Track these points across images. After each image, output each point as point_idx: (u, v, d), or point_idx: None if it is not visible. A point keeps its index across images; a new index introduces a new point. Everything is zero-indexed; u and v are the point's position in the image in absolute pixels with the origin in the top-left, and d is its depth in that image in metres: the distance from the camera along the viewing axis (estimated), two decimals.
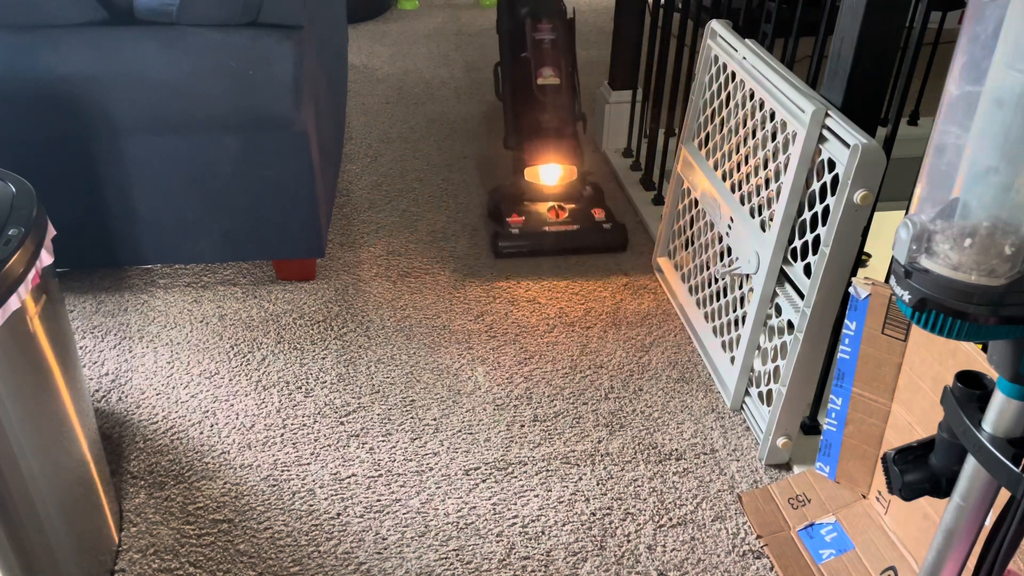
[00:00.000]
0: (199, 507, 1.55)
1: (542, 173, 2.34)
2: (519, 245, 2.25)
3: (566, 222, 2.29)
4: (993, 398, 0.79)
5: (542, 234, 2.26)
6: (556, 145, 2.31)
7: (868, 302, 1.39)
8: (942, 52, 2.53)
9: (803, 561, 1.45)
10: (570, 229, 2.27)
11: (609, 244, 2.28)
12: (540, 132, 2.31)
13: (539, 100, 2.30)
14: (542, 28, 2.33)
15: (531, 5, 2.36)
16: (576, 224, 2.28)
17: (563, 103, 2.32)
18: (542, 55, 2.32)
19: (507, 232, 2.25)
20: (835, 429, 1.51)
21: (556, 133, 2.31)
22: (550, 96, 2.31)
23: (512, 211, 2.31)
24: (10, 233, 1.09)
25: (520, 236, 2.25)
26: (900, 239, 0.74)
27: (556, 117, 2.31)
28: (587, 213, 2.31)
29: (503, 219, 2.29)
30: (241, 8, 1.78)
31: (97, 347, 1.92)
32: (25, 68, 1.75)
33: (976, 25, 0.70)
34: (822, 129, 1.48)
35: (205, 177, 1.91)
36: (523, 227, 2.27)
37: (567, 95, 2.32)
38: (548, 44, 2.33)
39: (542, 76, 2.29)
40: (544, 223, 2.28)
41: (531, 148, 2.31)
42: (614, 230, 2.29)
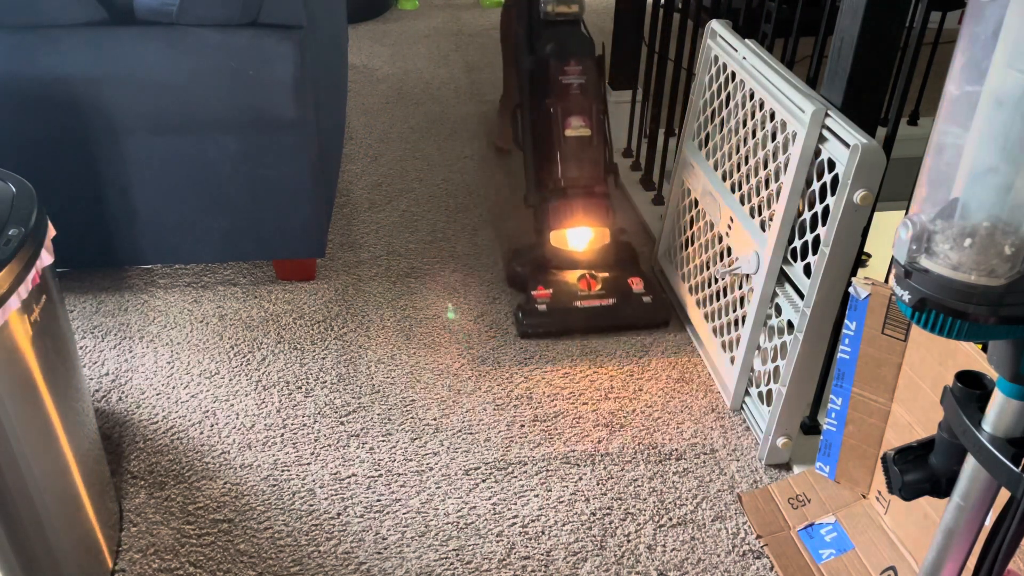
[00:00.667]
0: (199, 507, 1.55)
1: (570, 237, 2.05)
2: (546, 324, 1.97)
3: (600, 294, 2.00)
4: (993, 398, 0.79)
5: (573, 310, 1.98)
6: (586, 206, 2.01)
7: (868, 302, 1.39)
8: (942, 52, 2.53)
9: (803, 561, 1.45)
10: (605, 304, 1.99)
11: (650, 320, 2.01)
12: (567, 191, 2.02)
13: (566, 154, 2.00)
14: (570, 70, 2.03)
15: (557, 42, 2.05)
16: (611, 297, 2.00)
17: (594, 156, 2.02)
18: (570, 102, 2.02)
19: (532, 308, 1.97)
20: (835, 429, 1.51)
21: (586, 192, 2.02)
22: (579, 149, 2.00)
23: (538, 282, 2.02)
24: (10, 233, 1.09)
25: (548, 313, 1.97)
26: (900, 239, 0.74)
27: (586, 173, 2.01)
28: (623, 283, 2.03)
29: (527, 292, 2.01)
30: (241, 8, 1.78)
31: (97, 347, 1.92)
32: (25, 68, 1.75)
33: (976, 25, 0.70)
34: (822, 129, 1.48)
35: (205, 177, 1.91)
36: (551, 302, 1.98)
37: (598, 147, 2.03)
38: (577, 89, 2.02)
39: (570, 127, 2.00)
40: (574, 296, 2.00)
41: (557, 209, 2.02)
42: (655, 304, 2.01)
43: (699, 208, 1.97)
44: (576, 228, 2.03)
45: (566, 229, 2.03)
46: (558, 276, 2.04)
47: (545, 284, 2.01)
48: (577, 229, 2.04)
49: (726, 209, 1.82)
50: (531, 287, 2.01)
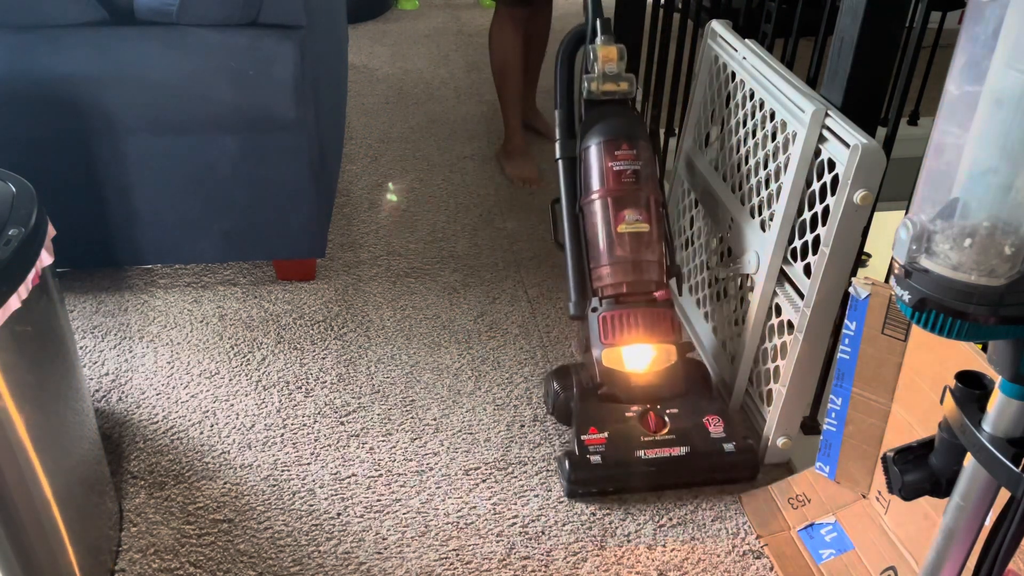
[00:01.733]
0: (199, 507, 1.55)
1: (627, 357, 1.65)
2: (602, 481, 1.57)
3: (668, 440, 1.59)
4: (993, 398, 0.79)
5: (634, 463, 1.57)
6: (647, 316, 1.64)
7: (868, 302, 1.39)
8: (942, 52, 2.53)
9: (803, 561, 1.45)
10: (675, 454, 1.58)
11: (732, 476, 1.62)
12: (624, 298, 1.66)
13: (620, 253, 1.67)
14: (621, 155, 1.70)
15: (606, 124, 1.73)
16: (685, 445, 1.59)
17: (653, 257, 1.68)
18: (623, 192, 1.69)
19: (583, 460, 1.55)
20: (835, 429, 1.51)
21: (646, 299, 1.66)
22: (636, 248, 1.67)
23: (590, 422, 1.60)
24: (10, 233, 1.09)
25: (603, 466, 1.55)
26: (900, 239, 0.74)
27: (645, 276, 1.67)
28: (698, 424, 1.62)
29: (578, 435, 1.59)
30: (241, 8, 1.78)
31: (97, 347, 1.92)
32: (25, 68, 1.75)
33: (976, 25, 0.70)
34: (822, 129, 1.48)
35: (205, 177, 1.91)
36: (607, 452, 1.56)
37: (658, 245, 1.69)
38: (631, 176, 1.69)
39: (624, 221, 1.66)
40: (636, 443, 1.58)
41: (610, 321, 1.64)
42: (740, 454, 1.60)
43: (699, 208, 1.97)
44: (635, 345, 1.65)
45: (622, 346, 1.64)
46: (613, 412, 1.63)
47: (599, 425, 1.60)
48: (636, 346, 1.65)
49: (726, 209, 1.82)
50: (583, 429, 1.59)
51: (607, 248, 1.68)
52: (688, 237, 2.05)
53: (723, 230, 1.84)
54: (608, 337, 1.64)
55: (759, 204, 1.68)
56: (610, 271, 1.67)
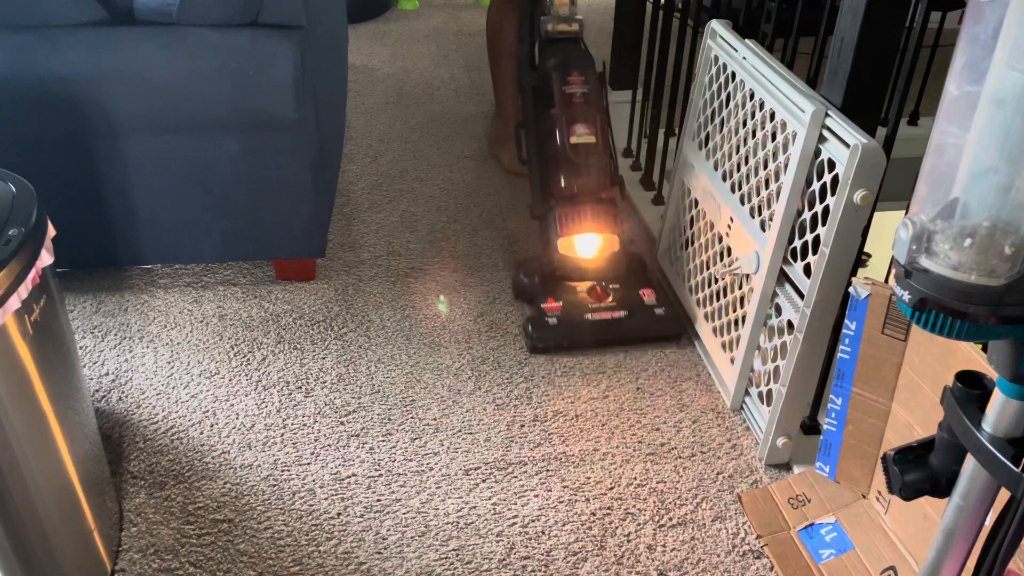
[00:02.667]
0: (199, 507, 1.55)
1: (578, 244, 2.02)
2: (557, 337, 1.93)
3: (610, 307, 1.96)
4: (993, 398, 0.79)
5: (584, 323, 1.93)
6: (594, 211, 2.00)
7: (868, 302, 1.39)
8: (942, 52, 2.53)
9: (803, 561, 1.45)
10: (616, 316, 1.95)
11: (662, 333, 1.97)
12: (575, 197, 2.00)
13: (572, 161, 2.00)
14: (573, 81, 2.04)
15: (559, 57, 2.09)
16: (623, 309, 1.96)
17: (600, 164, 2.03)
18: (574, 110, 2.02)
19: (543, 321, 1.93)
20: (835, 429, 1.51)
21: (594, 197, 2.01)
22: (585, 156, 2.01)
23: (547, 295, 1.98)
24: (10, 233, 1.10)
25: (558, 328, 1.92)
26: (900, 239, 0.74)
27: (593, 179, 2.01)
28: (634, 294, 1.99)
29: (536, 304, 1.97)
30: (241, 8, 1.78)
31: (97, 347, 1.92)
32: (25, 68, 1.75)
33: (976, 25, 0.70)
34: (822, 129, 1.48)
35: (205, 177, 1.91)
36: (561, 315, 1.94)
37: (604, 154, 2.04)
38: (581, 98, 2.03)
39: (575, 134, 1.99)
40: (585, 309, 1.96)
41: (565, 216, 2.00)
42: (668, 316, 1.97)
43: (699, 208, 1.97)
44: (584, 234, 2.00)
45: (574, 235, 2.00)
46: (567, 287, 2.00)
47: (555, 296, 1.97)
48: (585, 235, 2.00)
49: (726, 209, 1.82)
50: (540, 300, 1.96)
51: (562, 157, 2.02)
52: (688, 237, 2.05)
53: (723, 230, 1.84)
54: (563, 229, 2.01)
55: (759, 204, 1.68)
56: (565, 175, 2.02)
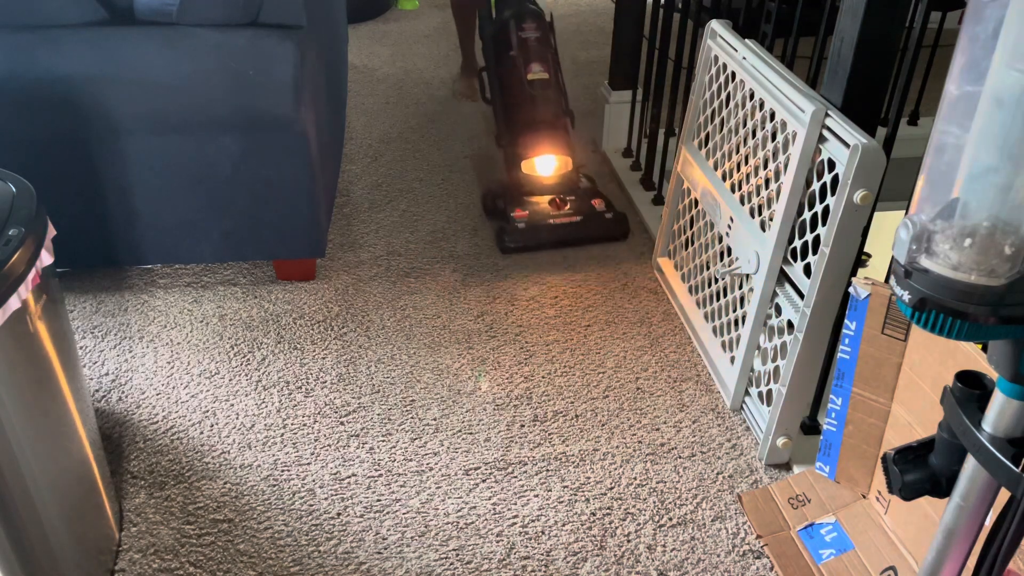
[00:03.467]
0: (199, 507, 1.55)
1: (538, 165, 2.38)
2: (525, 239, 2.28)
3: (568, 213, 2.32)
4: (993, 398, 0.79)
5: (547, 227, 2.29)
6: (551, 137, 2.35)
7: (868, 302, 1.39)
8: (942, 52, 2.53)
9: (803, 561, 1.45)
10: (573, 220, 2.31)
11: (612, 233, 2.34)
12: (534, 125, 2.35)
13: (530, 95, 2.35)
14: (527, 27, 2.38)
15: (514, 8, 2.42)
16: (579, 215, 2.32)
17: (554, 96, 2.37)
18: (530, 52, 2.37)
19: (513, 227, 2.28)
20: (835, 429, 1.51)
21: (550, 125, 2.35)
22: (541, 90, 2.36)
23: (515, 206, 2.33)
24: (10, 233, 1.09)
25: (526, 231, 2.28)
26: (900, 239, 0.74)
27: (548, 110, 2.36)
28: (587, 203, 2.35)
29: (507, 215, 2.30)
30: (241, 8, 1.78)
31: (97, 347, 1.92)
32: (25, 68, 1.75)
33: (976, 25, 0.70)
34: (822, 129, 1.48)
35: (205, 177, 1.91)
36: (528, 221, 2.29)
37: (556, 89, 2.38)
38: (535, 41, 2.38)
39: (532, 71, 2.35)
40: (547, 216, 2.31)
41: (526, 142, 2.35)
42: (616, 219, 2.34)
43: (699, 208, 1.97)
44: (543, 156, 2.37)
45: (535, 158, 2.36)
46: (531, 201, 2.36)
47: (521, 207, 2.32)
48: (544, 157, 2.37)
49: (726, 209, 1.82)
50: (510, 210, 2.31)
51: (522, 92, 2.36)
52: (688, 237, 2.05)
53: (723, 230, 1.84)
54: (525, 152, 2.36)
55: (759, 204, 1.68)
56: (525, 107, 2.36)
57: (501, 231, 2.28)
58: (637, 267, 2.25)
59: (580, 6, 4.29)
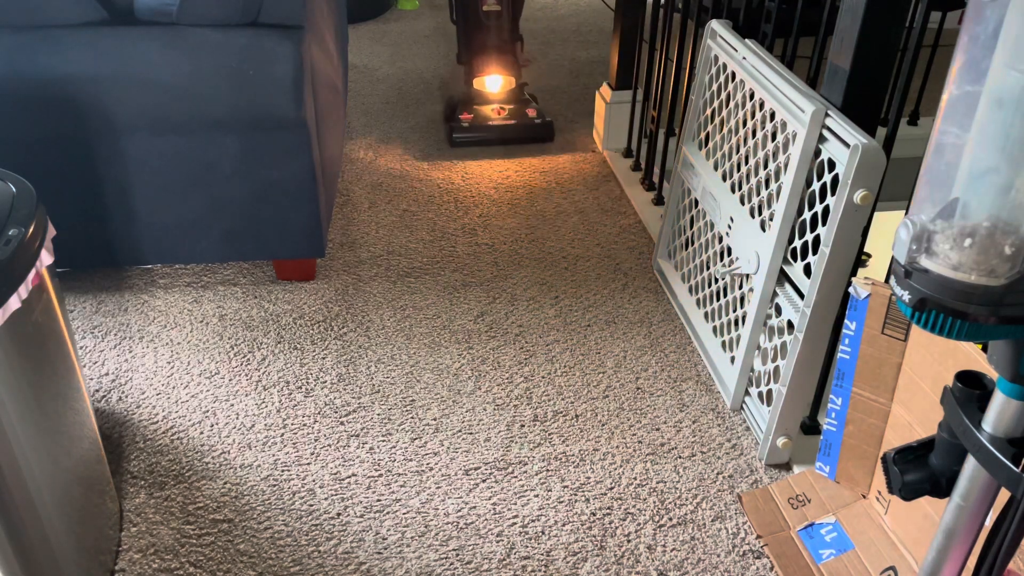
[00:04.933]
0: (199, 507, 1.55)
1: (487, 82, 2.92)
2: (468, 136, 2.83)
3: (505, 119, 2.87)
4: (993, 398, 0.79)
5: (487, 127, 2.84)
6: (498, 60, 2.89)
7: (868, 302, 1.39)
8: (942, 52, 2.53)
9: (803, 561, 1.45)
10: (508, 123, 2.86)
11: (538, 135, 2.88)
12: (485, 49, 2.88)
13: (484, 24, 2.85)
14: None
15: None
16: (513, 120, 2.87)
17: (504, 26, 2.87)
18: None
19: (460, 126, 2.84)
20: (835, 429, 1.51)
21: (498, 50, 2.89)
22: (493, 20, 2.85)
23: (464, 111, 2.88)
24: (10, 233, 1.09)
25: (470, 129, 2.83)
26: (900, 239, 0.74)
27: (498, 38, 2.87)
28: (522, 112, 2.90)
29: (456, 117, 2.85)
30: (241, 8, 1.78)
31: (97, 347, 1.92)
32: (25, 68, 1.75)
33: (976, 25, 0.70)
34: (822, 129, 1.48)
35: (205, 177, 1.91)
36: (472, 122, 2.85)
37: (507, 20, 2.87)
38: None
39: (486, 3, 2.83)
40: (488, 119, 2.86)
41: (478, 63, 2.90)
42: (543, 125, 2.88)
43: (699, 208, 1.97)
44: (490, 76, 2.92)
45: (484, 76, 2.91)
46: (479, 109, 2.90)
47: (469, 112, 2.89)
48: (492, 76, 2.92)
49: (726, 209, 1.82)
50: (459, 113, 2.87)
51: (476, 20, 2.85)
52: (688, 237, 2.05)
53: (723, 230, 1.84)
54: (476, 71, 2.92)
55: (759, 204, 1.68)
56: (478, 34, 2.87)
57: (450, 129, 2.82)
58: (637, 267, 2.25)
59: (580, 6, 4.29)
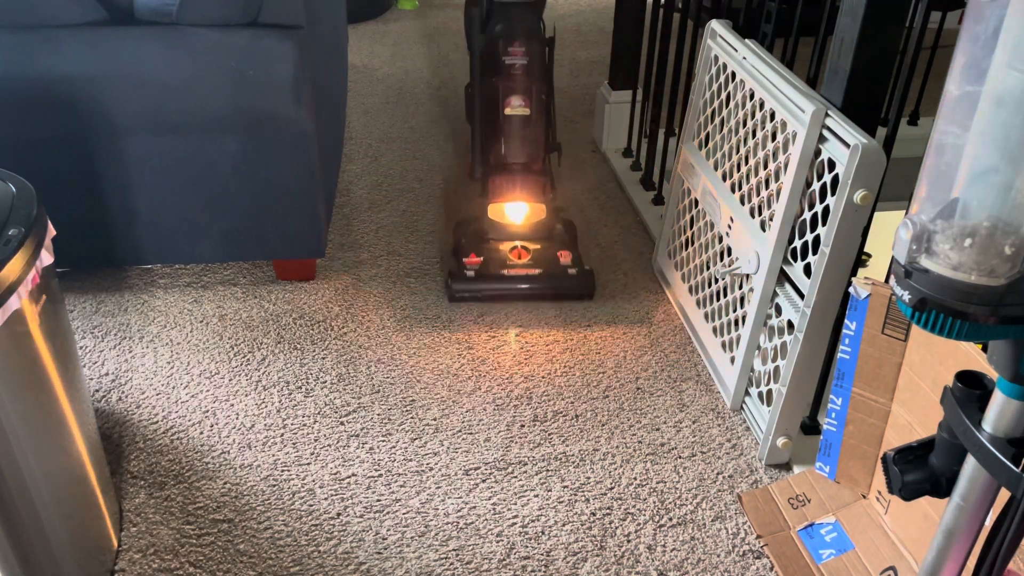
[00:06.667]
0: (199, 507, 1.55)
1: (507, 211, 2.17)
2: (473, 289, 2.07)
3: (528, 264, 2.09)
4: (993, 398, 0.79)
5: (499, 277, 2.08)
6: (523, 182, 2.13)
7: (868, 302, 1.39)
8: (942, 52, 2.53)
9: (803, 561, 1.45)
10: (531, 273, 2.08)
11: (573, 291, 2.10)
12: (506, 167, 2.13)
13: (506, 131, 2.11)
14: (514, 52, 2.11)
15: (504, 24, 2.11)
16: (538, 267, 2.09)
17: (533, 136, 2.12)
18: (512, 82, 2.11)
19: (461, 274, 2.07)
20: (835, 429, 1.51)
21: (523, 169, 2.13)
22: (518, 127, 2.12)
23: (471, 250, 2.11)
24: (10, 233, 1.09)
25: (475, 279, 2.07)
26: (900, 239, 0.74)
27: (524, 151, 2.12)
28: (552, 256, 2.11)
29: (459, 258, 2.11)
30: (241, 8, 1.78)
31: (97, 347, 1.92)
32: (25, 68, 1.75)
33: (976, 25, 0.70)
34: (822, 129, 1.48)
35: (205, 177, 1.91)
36: (480, 269, 2.07)
37: (538, 127, 2.14)
38: (519, 70, 2.11)
39: (510, 106, 2.10)
40: (503, 265, 2.09)
41: (495, 184, 2.14)
42: (580, 276, 2.09)
43: (699, 208, 1.97)
44: (512, 202, 2.17)
45: (504, 203, 2.17)
46: (493, 246, 2.14)
47: (478, 252, 2.11)
48: (514, 203, 2.17)
49: (726, 209, 1.82)
50: (463, 254, 2.11)
51: (498, 126, 2.12)
52: (688, 237, 2.05)
53: (723, 230, 1.84)
54: (493, 196, 2.14)
55: (759, 204, 1.68)
56: (498, 145, 2.14)
57: (449, 275, 2.08)
58: (637, 267, 2.25)
59: (580, 6, 4.29)
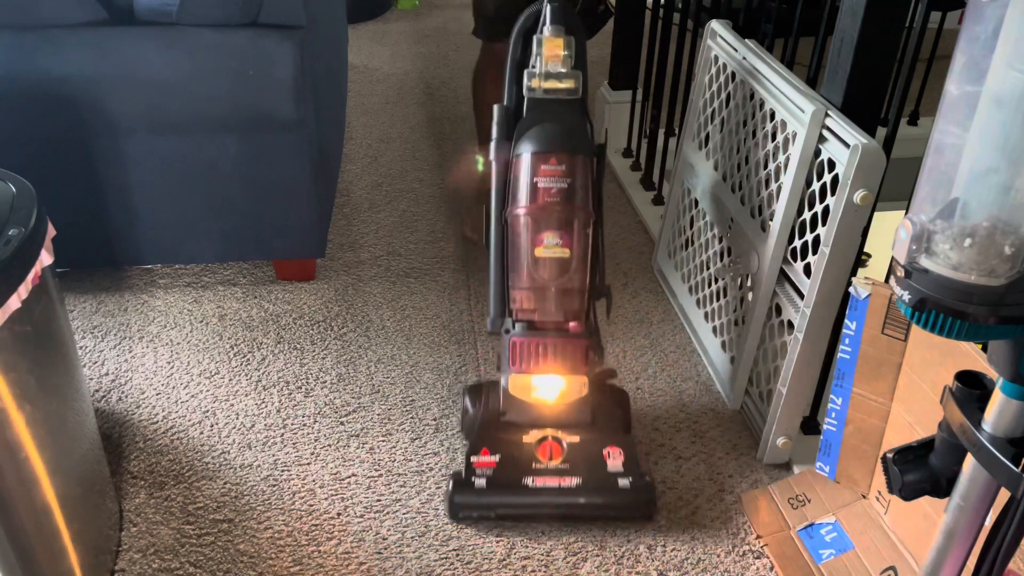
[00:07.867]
0: (199, 507, 1.55)
1: (535, 385, 1.58)
2: (483, 506, 1.51)
3: (561, 469, 1.51)
4: (993, 398, 0.79)
5: (520, 489, 1.50)
6: (557, 346, 1.54)
7: (868, 302, 1.39)
8: (942, 52, 2.53)
9: (803, 561, 1.45)
10: (565, 485, 1.50)
11: (622, 512, 1.53)
12: (535, 325, 1.55)
13: (535, 278, 1.52)
14: (550, 171, 1.48)
15: (541, 129, 1.50)
16: (577, 475, 1.51)
17: (572, 284, 1.53)
18: (545, 212, 1.50)
19: (468, 481, 1.50)
20: (835, 429, 1.51)
21: (558, 329, 1.55)
22: (552, 273, 1.51)
23: (483, 443, 1.54)
24: (10, 233, 1.09)
25: (488, 490, 1.50)
26: (900, 239, 0.74)
27: (559, 305, 1.53)
28: (597, 455, 1.53)
29: (467, 456, 1.54)
30: (241, 8, 1.78)
31: (97, 347, 1.92)
32: (25, 68, 1.75)
33: (976, 25, 0.70)
34: (822, 129, 1.48)
35: (205, 177, 1.91)
36: (494, 476, 1.51)
37: (580, 272, 1.53)
38: (557, 195, 1.49)
39: (542, 244, 1.50)
40: (527, 469, 1.51)
41: (519, 348, 1.55)
42: (635, 490, 1.51)
43: (699, 208, 1.97)
44: (541, 375, 1.56)
45: (530, 375, 1.56)
46: (512, 436, 1.55)
47: (492, 446, 1.53)
48: (544, 376, 1.56)
49: (726, 209, 1.82)
50: (473, 450, 1.53)
51: (524, 270, 1.53)
52: (688, 237, 2.05)
53: (723, 230, 1.84)
54: (517, 364, 1.55)
55: (759, 204, 1.68)
56: (524, 295, 1.54)
57: (452, 483, 1.52)
58: (637, 267, 2.25)
59: None
